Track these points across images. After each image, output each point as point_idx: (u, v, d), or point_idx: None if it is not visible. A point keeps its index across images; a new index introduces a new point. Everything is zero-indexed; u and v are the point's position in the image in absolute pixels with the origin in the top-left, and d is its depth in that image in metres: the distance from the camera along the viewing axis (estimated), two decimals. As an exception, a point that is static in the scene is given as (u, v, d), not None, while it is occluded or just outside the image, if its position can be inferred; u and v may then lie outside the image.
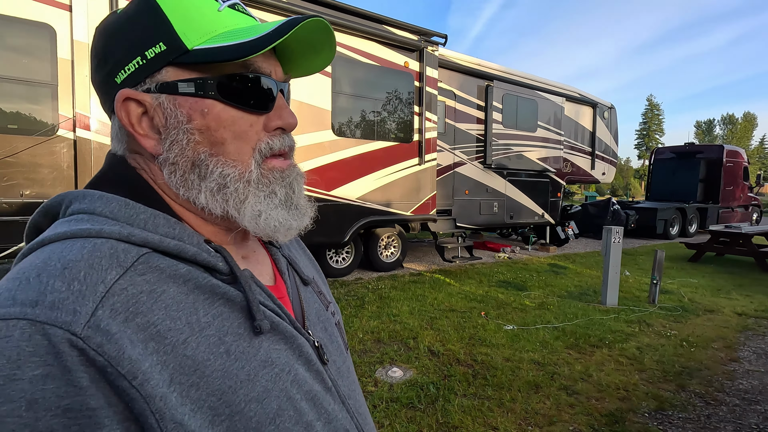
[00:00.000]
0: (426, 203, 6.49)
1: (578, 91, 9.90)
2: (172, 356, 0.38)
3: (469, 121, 7.58)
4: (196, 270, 0.43)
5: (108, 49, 0.45)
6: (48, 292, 0.35)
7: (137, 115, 0.45)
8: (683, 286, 6.11)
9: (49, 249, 0.39)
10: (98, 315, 0.35)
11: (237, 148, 0.46)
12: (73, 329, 0.34)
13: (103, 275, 0.37)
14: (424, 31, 6.25)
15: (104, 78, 0.46)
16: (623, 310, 4.78)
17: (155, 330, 0.38)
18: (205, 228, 0.48)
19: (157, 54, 0.43)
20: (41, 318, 0.33)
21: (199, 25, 0.44)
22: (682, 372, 3.25)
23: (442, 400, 2.71)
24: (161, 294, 0.40)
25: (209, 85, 0.44)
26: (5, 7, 3.70)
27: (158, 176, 0.47)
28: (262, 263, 0.55)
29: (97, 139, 4.01)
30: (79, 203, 0.44)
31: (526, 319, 4.38)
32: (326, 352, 0.53)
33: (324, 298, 0.62)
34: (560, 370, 3.18)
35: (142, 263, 0.40)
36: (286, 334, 0.47)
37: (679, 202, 12.75)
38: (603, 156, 10.65)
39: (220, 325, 0.42)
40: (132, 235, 0.41)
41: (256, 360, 0.43)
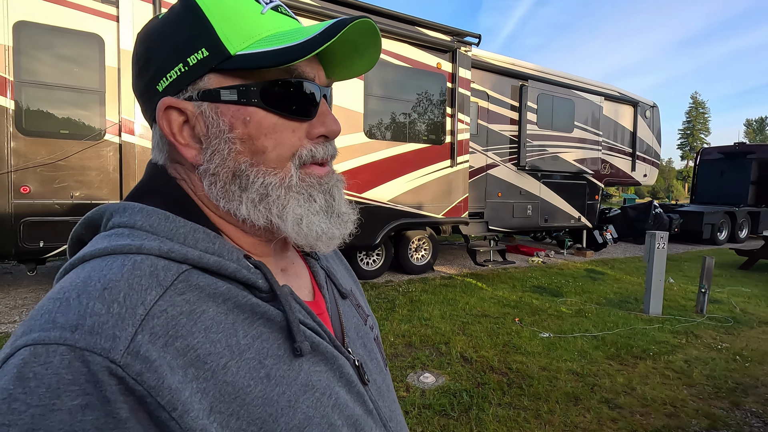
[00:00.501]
0: (458, 206, 6.40)
1: (618, 90, 9.52)
2: (212, 383, 0.36)
3: (502, 122, 7.43)
4: (236, 288, 0.42)
5: (149, 56, 0.44)
6: (88, 315, 0.33)
7: (179, 123, 0.44)
8: (734, 296, 5.74)
9: (89, 266, 0.38)
10: (137, 340, 0.34)
11: (278, 155, 0.44)
12: (113, 356, 0.32)
13: (142, 296, 0.36)
14: (457, 31, 6.18)
15: (146, 85, 0.45)
16: (668, 319, 4.53)
17: (195, 354, 0.36)
18: (245, 240, 0.47)
19: (199, 60, 0.42)
20: (81, 344, 0.32)
21: (242, 30, 0.42)
22: (735, 388, 3.04)
23: (476, 408, 2.64)
24: (201, 315, 0.38)
25: (252, 92, 0.43)
26: (58, 20, 3.93)
27: (198, 187, 0.46)
28: (300, 276, 0.53)
29: (141, 143, 4.19)
30: (120, 216, 0.43)
31: (562, 326, 4.23)
32: (366, 371, 0.51)
33: (362, 311, 0.60)
34: (601, 382, 3.03)
35: (181, 281, 0.39)
36: (326, 355, 0.45)
37: (727, 206, 12.03)
38: (644, 157, 10.18)
39: (259, 347, 0.40)
40: (172, 251, 0.40)
41: (297, 384, 0.41)
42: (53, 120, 4.00)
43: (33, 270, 4.32)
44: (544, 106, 7.79)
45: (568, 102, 8.22)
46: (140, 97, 0.46)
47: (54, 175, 3.97)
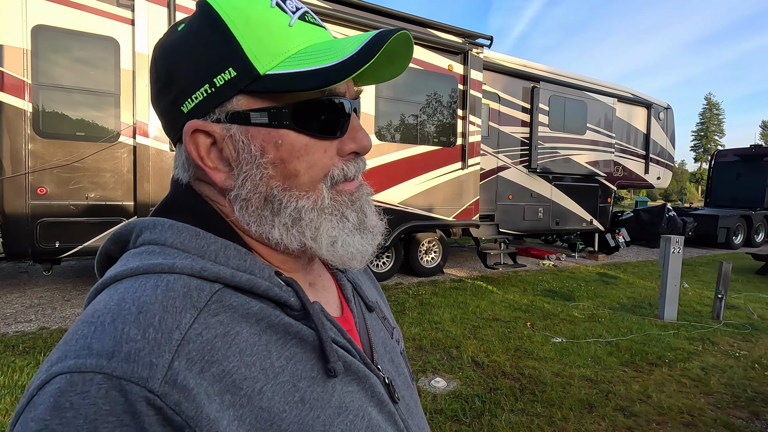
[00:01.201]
0: (468, 208, 6.36)
1: (631, 91, 9.39)
2: (249, 409, 0.35)
3: (513, 123, 7.37)
4: (268, 306, 0.41)
5: (171, 75, 0.42)
6: (124, 342, 0.33)
7: (206, 146, 0.42)
8: (751, 301, 5.62)
9: (122, 287, 0.37)
10: (174, 367, 0.33)
11: (311, 178, 0.43)
12: (150, 386, 0.31)
13: (178, 319, 0.35)
14: (468, 33, 6.15)
15: (168, 106, 0.43)
16: (683, 325, 4.45)
17: (231, 380, 0.35)
18: (275, 257, 0.46)
19: (226, 81, 0.40)
20: (118, 372, 0.31)
21: (271, 46, 0.40)
22: (755, 398, 2.97)
23: (488, 414, 2.62)
24: (235, 337, 0.37)
25: (284, 114, 0.41)
26: (75, 23, 3.99)
27: (227, 209, 0.45)
28: (328, 290, 0.52)
29: (155, 145, 4.23)
30: (150, 233, 0.42)
31: (575, 331, 4.17)
32: (396, 389, 0.50)
33: (388, 324, 0.59)
34: (615, 389, 2.99)
35: (215, 302, 0.38)
36: (358, 374, 0.44)
37: (743, 209, 11.79)
38: (658, 159, 10.03)
39: (293, 369, 0.39)
40: (204, 269, 0.39)
41: (331, 407, 0.40)
42: (69, 122, 4.06)
43: (49, 270, 4.39)
44: (555, 107, 7.72)
45: (581, 104, 8.13)
46: (162, 115, 0.45)
47: (70, 176, 4.03)
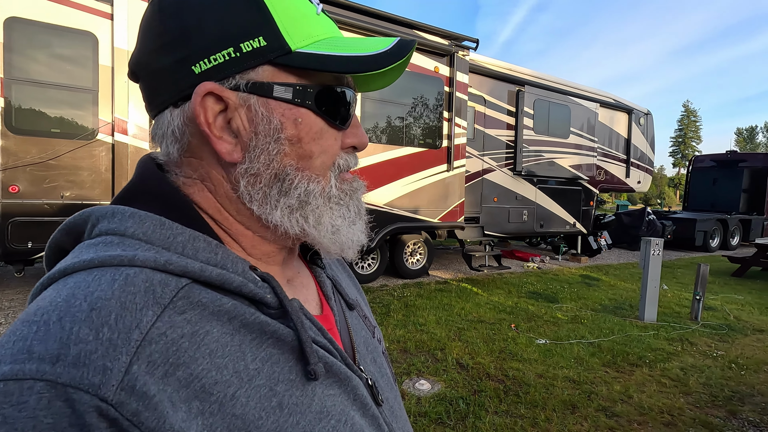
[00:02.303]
0: (454, 210, 6.38)
1: (613, 97, 9.58)
2: (220, 417, 0.32)
3: (498, 126, 7.44)
4: (242, 304, 0.37)
5: (187, 30, 0.38)
6: (72, 343, 0.28)
7: (214, 113, 0.39)
8: (728, 303, 5.76)
9: (73, 281, 0.33)
10: (133, 372, 0.29)
11: (322, 163, 0.42)
12: (103, 393, 0.27)
13: (138, 317, 0.31)
14: (455, 35, 6.18)
15: (174, 63, 0.38)
16: (663, 326, 4.53)
17: (199, 385, 0.32)
18: (257, 248, 0.43)
19: (254, 49, 0.38)
20: (63, 379, 0.27)
21: (303, 26, 0.39)
22: (732, 397, 3.03)
23: (472, 416, 2.60)
24: (204, 336, 0.33)
25: (308, 94, 0.40)
26: (51, 17, 3.87)
27: (219, 186, 0.41)
28: (307, 287, 0.49)
29: (134, 143, 4.12)
30: (108, 222, 0.37)
31: (558, 333, 4.21)
32: (379, 390, 0.47)
33: (369, 322, 0.56)
34: (598, 390, 3.01)
35: (181, 298, 0.34)
36: (340, 376, 0.41)
37: (720, 213, 12.14)
38: (638, 164, 10.24)
39: (270, 372, 0.36)
40: (170, 262, 0.35)
41: (311, 412, 0.37)
42: (44, 118, 3.92)
43: (20, 271, 4.23)
44: (540, 111, 7.82)
45: (565, 108, 8.25)
46: (156, 73, 0.40)
47: (44, 174, 3.89)
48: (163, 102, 0.40)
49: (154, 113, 0.42)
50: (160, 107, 0.41)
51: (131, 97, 4.05)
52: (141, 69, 0.41)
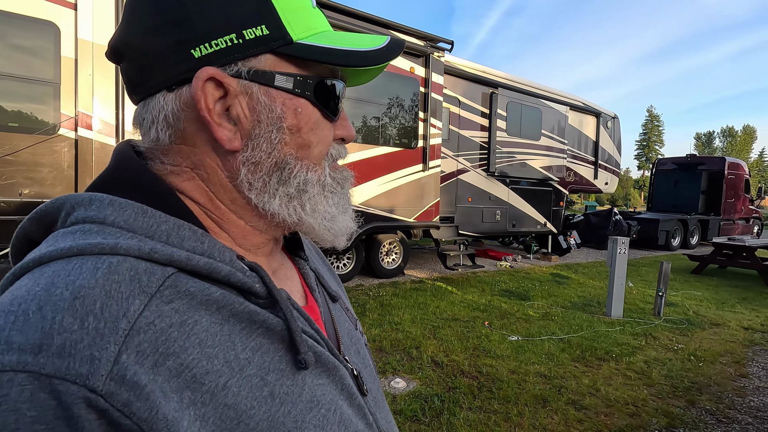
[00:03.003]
0: (429, 210, 6.44)
1: (582, 101, 9.89)
2: (212, 407, 0.31)
3: (473, 128, 7.55)
4: (230, 293, 0.36)
5: (188, 14, 0.36)
6: (55, 333, 0.27)
7: (214, 99, 0.38)
8: (688, 299, 6.05)
9: (50, 270, 0.31)
10: (122, 361, 0.28)
11: (319, 153, 0.43)
12: (92, 384, 0.26)
13: (124, 306, 0.30)
14: (430, 36, 6.24)
15: (171, 45, 0.37)
16: (629, 322, 4.71)
17: (190, 375, 0.31)
18: (250, 239, 0.43)
19: (257, 37, 0.38)
20: (47, 370, 0.26)
21: (303, 18, 0.40)
22: (691, 387, 3.18)
23: (447, 413, 2.63)
24: (193, 326, 0.33)
25: (308, 85, 0.41)
26: (8, 4, 3.67)
27: (213, 174, 0.40)
28: (291, 278, 0.49)
29: (99, 139, 3.96)
30: (85, 210, 0.35)
31: (530, 329, 4.31)
32: (364, 381, 0.48)
33: (351, 314, 0.57)
34: (567, 384, 3.10)
35: (168, 287, 0.33)
36: (328, 366, 0.42)
37: (681, 214, 12.73)
38: (606, 166, 10.62)
39: (260, 362, 0.36)
40: (154, 251, 0.33)
41: (302, 401, 0.37)
42: (1, 112, 3.71)
43: (-26, 273, 3.99)
44: (513, 113, 7.99)
45: (536, 111, 8.47)
46: (149, 56, 0.38)
47: (1, 171, 3.69)
48: (155, 85, 0.39)
49: (141, 97, 0.40)
50: (150, 91, 0.39)
51: (96, 91, 3.89)
52: (128, 49, 0.39)
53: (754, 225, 15.12)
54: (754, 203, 15.43)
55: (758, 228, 15.46)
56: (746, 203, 14.47)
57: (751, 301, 6.16)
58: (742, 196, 14.14)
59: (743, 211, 14.33)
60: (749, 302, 6.06)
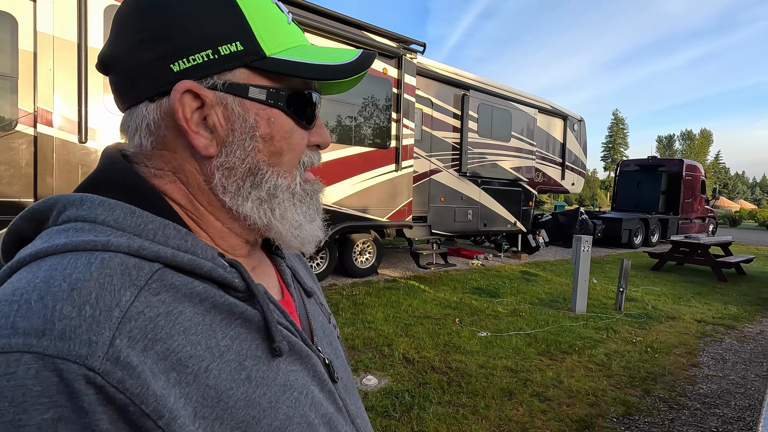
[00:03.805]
0: (402, 210, 6.51)
1: (550, 103, 10.21)
2: (195, 387, 0.35)
3: (445, 129, 7.68)
4: (212, 287, 0.40)
5: (168, 30, 0.40)
6: (56, 319, 0.30)
7: (191, 109, 0.41)
8: (647, 294, 6.35)
9: (47, 264, 0.34)
10: (116, 345, 0.31)
11: (290, 160, 0.46)
12: (90, 363, 0.30)
13: (117, 297, 0.33)
14: (403, 38, 6.30)
15: (153, 60, 0.40)
16: (592, 317, 4.92)
17: (176, 358, 0.34)
18: (227, 240, 0.47)
19: (232, 53, 0.41)
20: (50, 351, 0.29)
21: (276, 34, 0.43)
22: (647, 377, 3.37)
23: (417, 408, 2.69)
24: (178, 316, 0.36)
25: (280, 96, 0.44)
26: (-39, -7, 3.49)
27: (192, 178, 0.44)
28: (268, 275, 0.53)
29: (61, 136, 3.82)
30: (77, 209, 0.39)
31: (499, 325, 4.44)
32: (335, 369, 0.51)
33: (325, 309, 0.61)
34: (533, 377, 3.22)
35: (155, 281, 0.36)
36: (301, 354, 0.45)
37: (642, 213, 13.31)
38: (572, 167, 11.00)
39: (239, 349, 0.39)
40: (143, 248, 0.37)
41: (276, 385, 0.41)
42: (-48, 106, 3.53)
43: None
44: (484, 115, 8.17)
45: (506, 113, 8.68)
46: (133, 69, 0.41)
47: (-48, 168, 3.50)
48: (138, 96, 0.42)
49: (127, 106, 0.44)
50: (134, 101, 0.43)
51: (57, 87, 3.75)
52: (115, 63, 0.42)
53: (709, 224, 15.99)
54: (710, 203, 16.31)
55: (713, 227, 16.36)
56: (702, 203, 15.27)
57: (705, 295, 6.53)
58: (699, 196, 14.92)
59: (700, 211, 15.12)
60: (703, 296, 6.42)
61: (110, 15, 3.97)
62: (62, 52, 3.74)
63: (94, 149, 3.93)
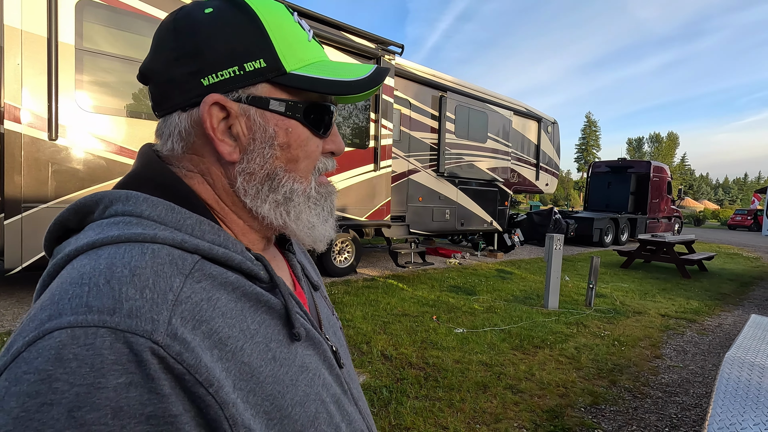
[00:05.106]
0: (381, 209, 6.57)
1: (525, 106, 10.46)
2: (233, 363, 0.39)
3: (423, 129, 7.78)
4: (242, 278, 0.45)
5: (199, 48, 0.45)
6: (124, 300, 0.35)
7: (218, 119, 0.46)
8: (615, 290, 6.61)
9: (106, 253, 0.38)
10: (173, 323, 0.36)
11: (306, 167, 0.51)
12: (155, 338, 0.34)
13: (170, 283, 0.38)
14: (381, 39, 6.36)
15: (186, 75, 0.45)
16: (563, 312, 5.10)
17: (218, 337, 0.39)
18: (247, 236, 0.51)
19: (256, 69, 0.45)
20: (122, 326, 0.34)
21: (296, 51, 0.47)
22: (613, 369, 3.53)
23: (394, 402, 2.76)
24: (217, 301, 0.41)
25: (298, 108, 0.48)
26: None
27: (218, 180, 0.48)
28: (281, 269, 0.58)
29: (30, 133, 3.70)
30: (123, 204, 0.43)
31: (475, 322, 4.55)
32: (340, 356, 0.57)
33: (329, 302, 0.67)
34: (506, 371, 3.33)
35: (197, 270, 0.41)
36: (314, 341, 0.50)
37: (613, 213, 13.79)
38: (546, 168, 11.30)
39: (265, 332, 0.44)
40: (185, 241, 0.42)
41: (295, 366, 0.46)
42: None
43: None
44: (461, 116, 8.31)
45: (483, 114, 8.86)
46: (168, 81, 0.46)
47: None
48: (172, 106, 0.47)
49: (162, 114, 0.49)
50: (169, 110, 0.48)
51: (26, 82, 3.64)
52: (154, 75, 0.48)
53: (675, 223, 16.70)
54: (676, 203, 17.03)
55: (678, 226, 17.09)
56: (669, 203, 15.94)
57: (669, 291, 6.85)
58: (665, 196, 15.56)
59: (666, 211, 15.77)
60: (667, 292, 6.73)
61: (82, 11, 3.88)
62: (32, 46, 3.63)
63: (65, 147, 3.83)
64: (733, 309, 5.90)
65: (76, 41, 3.84)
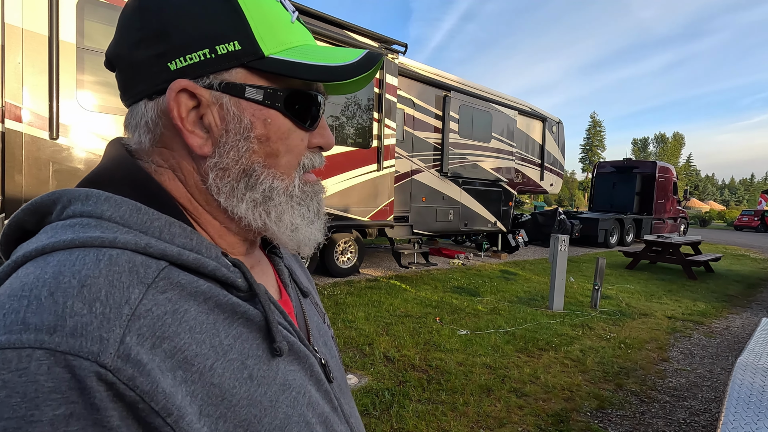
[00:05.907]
0: (384, 209, 6.53)
1: (529, 105, 10.40)
2: (200, 385, 0.35)
3: (426, 129, 7.73)
4: (216, 286, 0.40)
5: (165, 29, 0.40)
6: (67, 316, 0.30)
7: (187, 108, 0.41)
8: (621, 292, 6.54)
9: (55, 260, 0.34)
10: (127, 342, 0.31)
11: (287, 162, 0.45)
12: (102, 360, 0.30)
13: (126, 294, 0.33)
14: (385, 38, 6.32)
15: (152, 58, 0.40)
16: (568, 314, 5.04)
17: (182, 356, 0.34)
18: (225, 239, 0.46)
19: (229, 52, 0.40)
20: (62, 347, 0.29)
21: (277, 33, 0.42)
22: (620, 372, 3.47)
23: (396, 406, 2.71)
24: (184, 314, 0.36)
25: (278, 97, 0.43)
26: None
27: (189, 176, 0.44)
28: (266, 274, 0.53)
29: (30, 132, 3.69)
30: (82, 204, 0.38)
31: (478, 324, 4.50)
32: (330, 370, 0.52)
33: (320, 309, 0.61)
34: (510, 373, 3.28)
35: (162, 279, 0.36)
36: (299, 354, 0.45)
37: (618, 213, 13.69)
38: (551, 168, 11.23)
39: (241, 348, 0.39)
40: (149, 246, 0.37)
41: (276, 384, 0.41)
42: None
43: None
44: (465, 116, 8.26)
45: (487, 114, 8.80)
46: (133, 67, 0.42)
47: None
48: (138, 93, 0.42)
49: (129, 103, 0.44)
50: (135, 98, 0.43)
51: (26, 81, 3.63)
52: (119, 60, 0.43)
53: (681, 224, 16.56)
54: (681, 204, 16.89)
55: (684, 226, 16.95)
56: (674, 204, 15.81)
57: (675, 292, 6.76)
58: (671, 197, 15.43)
59: (672, 211, 15.64)
60: (673, 294, 6.65)
61: (83, 10, 3.86)
62: (33, 45, 3.62)
63: (66, 146, 3.81)
64: (741, 311, 5.81)
65: (78, 40, 3.83)
